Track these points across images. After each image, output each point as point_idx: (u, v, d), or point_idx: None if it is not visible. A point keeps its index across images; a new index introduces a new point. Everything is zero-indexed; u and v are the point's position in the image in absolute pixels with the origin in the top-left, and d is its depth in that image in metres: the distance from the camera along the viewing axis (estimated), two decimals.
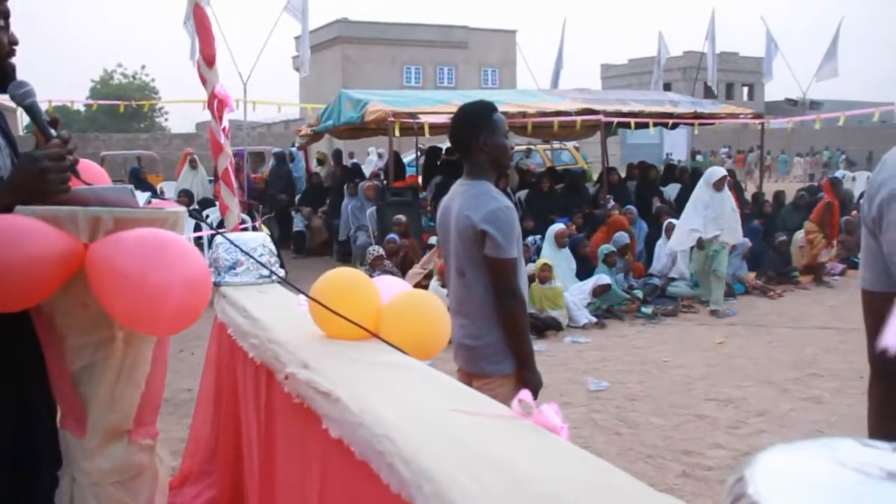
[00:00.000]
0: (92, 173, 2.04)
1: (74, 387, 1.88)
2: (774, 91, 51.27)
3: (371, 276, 2.21)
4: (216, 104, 3.66)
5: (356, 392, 1.59)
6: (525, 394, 1.45)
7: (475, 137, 2.97)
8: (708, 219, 8.85)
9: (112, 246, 1.71)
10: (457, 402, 1.52)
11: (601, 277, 8.87)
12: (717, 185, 8.87)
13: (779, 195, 13.30)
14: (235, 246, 2.68)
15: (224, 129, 3.65)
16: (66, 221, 1.73)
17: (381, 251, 9.38)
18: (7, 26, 1.99)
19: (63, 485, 1.95)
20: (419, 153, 17.56)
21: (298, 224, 13.89)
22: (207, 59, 3.66)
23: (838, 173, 22.46)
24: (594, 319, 8.50)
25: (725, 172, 9.19)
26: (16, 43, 2.02)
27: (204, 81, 3.67)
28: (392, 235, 10.03)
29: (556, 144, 18.28)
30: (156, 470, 2.01)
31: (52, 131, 1.94)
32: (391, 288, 2.20)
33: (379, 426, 1.41)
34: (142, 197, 1.90)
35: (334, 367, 1.79)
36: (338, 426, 1.57)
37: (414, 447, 1.31)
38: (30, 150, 1.94)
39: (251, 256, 2.70)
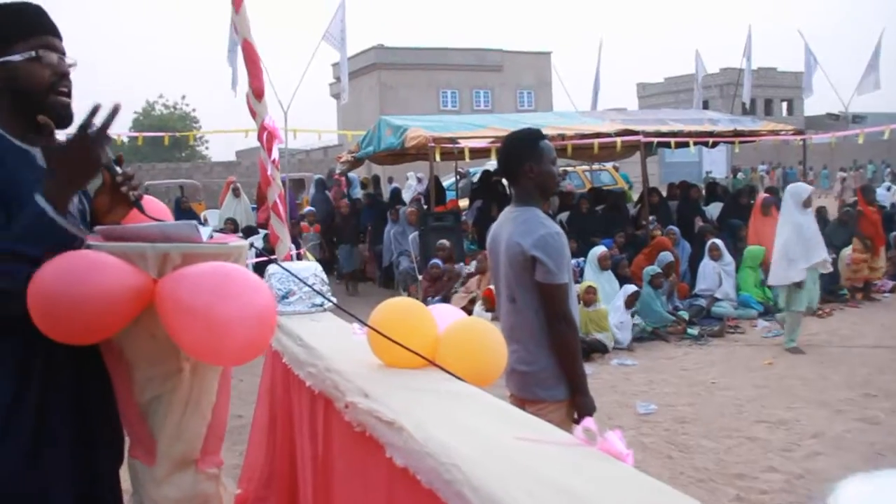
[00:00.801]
0: (156, 210, 2.10)
1: (143, 418, 1.92)
2: (814, 105, 50.64)
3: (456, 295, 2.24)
4: (266, 136, 3.73)
5: (419, 421, 1.61)
6: (589, 421, 1.46)
7: (522, 165, 3.02)
8: (811, 243, 7.82)
9: (179, 280, 1.76)
10: (520, 430, 1.54)
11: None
12: (807, 203, 7.91)
13: (821, 211, 12.97)
14: (292, 275, 2.72)
15: (274, 161, 3.70)
16: (135, 258, 1.78)
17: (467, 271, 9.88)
18: (40, 57, 1.88)
19: None
20: (458, 177, 17.64)
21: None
22: (256, 92, 3.72)
23: (883, 186, 22.06)
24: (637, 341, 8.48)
25: (811, 188, 8.25)
26: (64, 75, 1.94)
27: (254, 114, 3.73)
28: (436, 261, 10.10)
29: (595, 165, 18.23)
30: (220, 498, 2.05)
31: (118, 168, 1.99)
32: (447, 316, 2.23)
33: (445, 455, 1.43)
34: (205, 231, 1.95)
35: (395, 396, 1.81)
36: (402, 455, 1.59)
37: (481, 475, 1.33)
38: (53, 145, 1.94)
39: (308, 285, 2.74)
